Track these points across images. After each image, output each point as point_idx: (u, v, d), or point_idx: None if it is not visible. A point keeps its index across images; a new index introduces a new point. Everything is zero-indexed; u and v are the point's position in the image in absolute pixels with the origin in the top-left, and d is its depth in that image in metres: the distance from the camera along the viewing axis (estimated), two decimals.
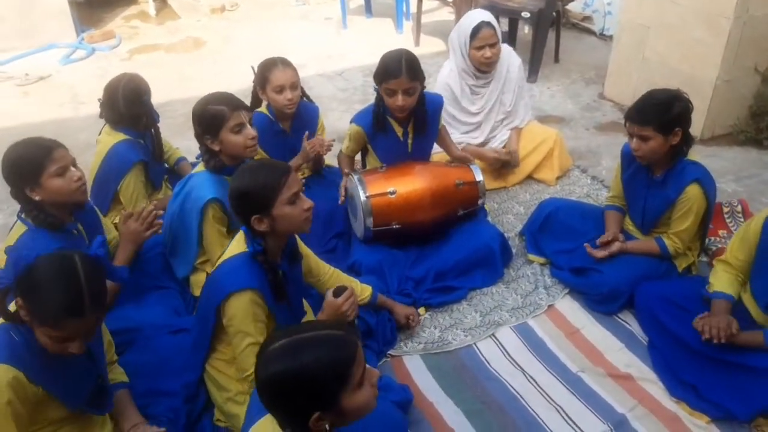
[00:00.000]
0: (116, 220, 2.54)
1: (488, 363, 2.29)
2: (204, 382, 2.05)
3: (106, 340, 1.93)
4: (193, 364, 2.05)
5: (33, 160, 1.98)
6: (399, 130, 2.74)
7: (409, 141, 2.75)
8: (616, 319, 2.45)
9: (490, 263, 2.64)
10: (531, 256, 2.76)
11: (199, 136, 2.30)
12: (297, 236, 2.03)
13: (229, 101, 2.28)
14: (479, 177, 2.69)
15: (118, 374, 1.96)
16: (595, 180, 3.38)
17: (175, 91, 4.44)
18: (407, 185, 2.58)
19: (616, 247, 2.47)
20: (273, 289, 1.84)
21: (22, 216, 2.06)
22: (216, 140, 2.26)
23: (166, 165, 3.01)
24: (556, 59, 4.90)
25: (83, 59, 5.32)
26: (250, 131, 2.28)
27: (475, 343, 2.37)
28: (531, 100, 3.67)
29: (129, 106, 2.62)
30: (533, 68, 4.54)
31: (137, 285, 2.36)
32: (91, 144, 2.84)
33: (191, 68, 5.14)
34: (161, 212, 2.36)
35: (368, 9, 6.11)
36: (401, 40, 5.54)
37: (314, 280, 2.15)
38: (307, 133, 2.82)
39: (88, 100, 4.34)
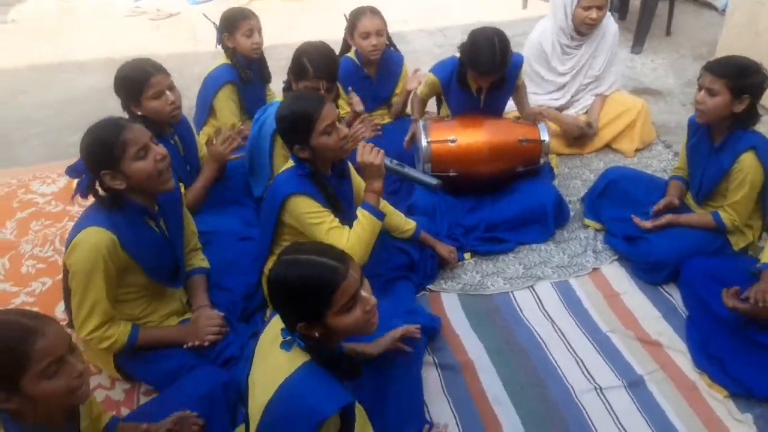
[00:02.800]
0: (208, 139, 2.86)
1: (521, 310, 2.40)
2: (262, 285, 2.33)
3: (190, 229, 2.27)
4: (253, 268, 2.33)
5: (135, 82, 2.29)
6: (474, 86, 2.83)
7: (483, 96, 2.85)
8: (660, 290, 2.46)
9: (542, 221, 2.71)
10: (587, 221, 2.80)
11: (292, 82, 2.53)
12: (351, 166, 2.24)
13: None
14: (545, 136, 2.74)
15: (199, 260, 2.27)
16: (678, 156, 3.29)
17: (283, 37, 4.75)
18: (469, 136, 2.69)
19: (665, 219, 2.46)
20: (326, 200, 2.06)
21: None
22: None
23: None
24: (668, 32, 4.68)
25: (210, 1, 5.77)
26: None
27: (512, 292, 2.49)
28: (619, 67, 3.53)
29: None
30: (639, 39, 4.39)
31: (221, 198, 2.69)
32: (203, 76, 3.14)
33: (301, 17, 5.43)
34: (244, 135, 2.63)
35: None
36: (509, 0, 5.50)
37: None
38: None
39: (208, 38, 4.75)
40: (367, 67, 3.13)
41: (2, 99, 4.15)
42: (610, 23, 3.24)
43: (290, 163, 2.12)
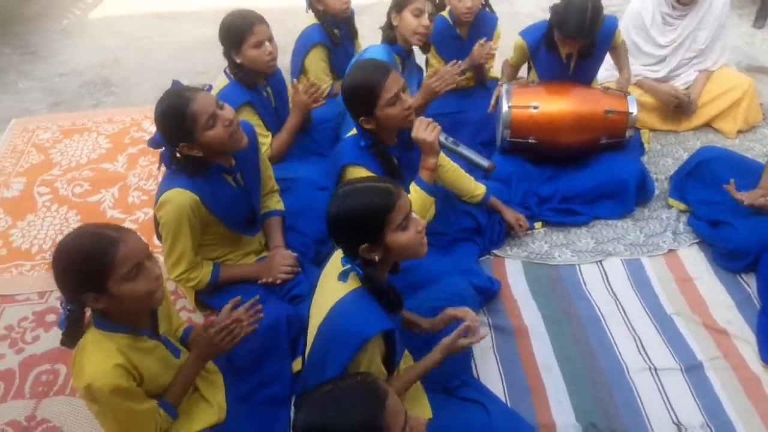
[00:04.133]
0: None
1: (584, 283, 2.40)
2: None
3: (267, 174, 2.42)
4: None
5: (238, 30, 2.45)
6: (563, 51, 2.77)
7: (572, 63, 2.78)
8: (738, 278, 2.36)
9: (621, 197, 2.65)
10: (671, 201, 2.70)
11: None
12: None
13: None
14: (633, 109, 2.65)
15: (275, 203, 2.43)
16: None
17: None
18: (553, 103, 2.65)
19: (763, 199, 2.32)
20: (387, 172, 2.12)
21: (227, 71, 2.59)
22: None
23: None
24: None
25: None
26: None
27: (579, 264, 2.48)
28: (728, 41, 3.27)
29: None
30: (762, 12, 4.03)
31: (305, 147, 2.84)
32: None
33: None
34: (324, 88, 2.72)
35: None
36: None
37: None
38: (484, 39, 2.95)
39: None
40: (459, 27, 3.13)
41: (126, 42, 4.51)
42: None
43: (353, 130, 2.19)
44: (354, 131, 2.19)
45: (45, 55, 4.37)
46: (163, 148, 2.03)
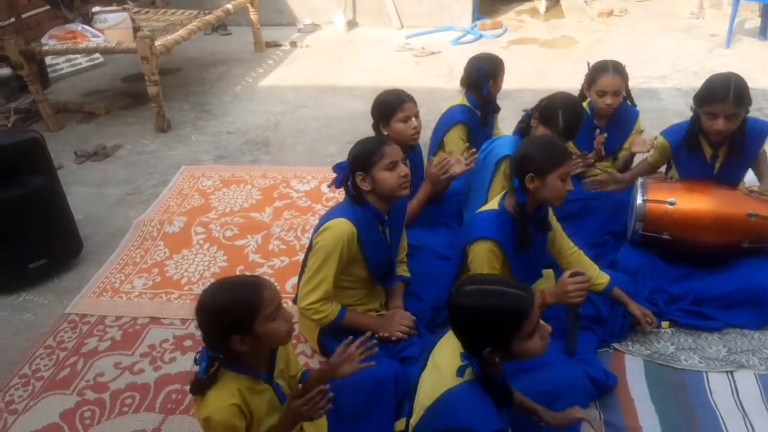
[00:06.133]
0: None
1: (710, 393, 2.24)
2: None
3: (403, 244, 2.59)
4: (447, 286, 2.55)
5: (390, 105, 2.73)
6: (708, 152, 2.71)
7: (717, 164, 2.71)
8: None
9: (761, 306, 2.48)
10: None
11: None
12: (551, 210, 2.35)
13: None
14: None
15: (403, 270, 2.59)
16: None
17: (528, 82, 4.95)
18: (691, 202, 2.59)
19: None
20: (518, 240, 2.20)
21: None
22: None
23: None
24: None
25: (470, 42, 6.25)
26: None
27: (706, 372, 2.33)
28: None
29: (474, 79, 3.19)
30: None
31: (432, 217, 2.99)
32: None
33: (554, 64, 5.57)
34: (458, 166, 2.86)
35: (763, 31, 5.57)
36: None
37: (556, 252, 2.43)
38: (603, 135, 2.99)
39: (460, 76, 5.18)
40: (597, 119, 3.18)
41: (288, 110, 5.03)
42: None
43: (490, 206, 2.32)
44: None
45: (217, 114, 5.00)
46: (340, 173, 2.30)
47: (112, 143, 4.50)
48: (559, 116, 2.60)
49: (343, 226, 2.22)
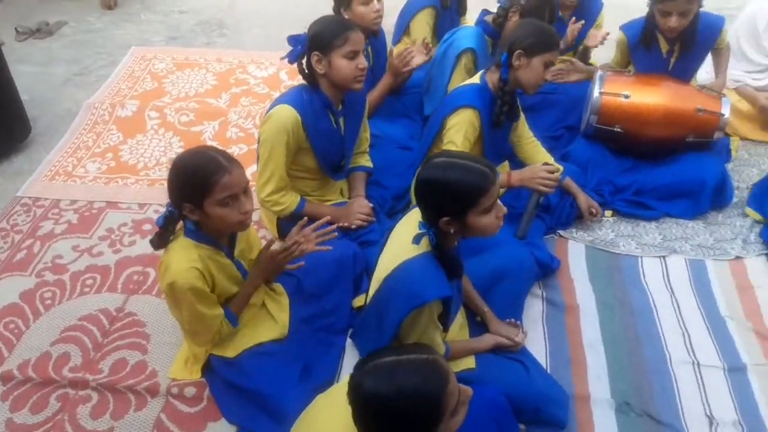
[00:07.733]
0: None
1: (643, 275, 2.44)
2: (410, 190, 2.59)
3: (365, 135, 2.58)
4: (407, 174, 2.60)
5: None
6: (665, 47, 2.76)
7: (672, 59, 2.77)
8: None
9: (696, 197, 2.64)
10: (748, 210, 2.67)
11: None
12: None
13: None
14: (726, 111, 2.62)
15: (364, 160, 2.59)
16: None
17: None
18: (645, 95, 2.66)
19: None
20: (495, 115, 2.27)
21: None
22: None
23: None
24: None
25: None
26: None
27: (641, 257, 2.51)
28: None
29: None
30: None
31: (393, 109, 3.00)
32: None
33: None
34: (419, 57, 2.82)
35: None
36: None
37: (516, 139, 2.51)
38: (577, 21, 2.98)
39: None
40: (562, 10, 3.14)
41: None
42: None
43: (471, 81, 2.33)
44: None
45: None
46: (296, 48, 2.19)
47: (55, 20, 4.22)
48: (546, 12, 2.59)
49: (285, 113, 2.18)
